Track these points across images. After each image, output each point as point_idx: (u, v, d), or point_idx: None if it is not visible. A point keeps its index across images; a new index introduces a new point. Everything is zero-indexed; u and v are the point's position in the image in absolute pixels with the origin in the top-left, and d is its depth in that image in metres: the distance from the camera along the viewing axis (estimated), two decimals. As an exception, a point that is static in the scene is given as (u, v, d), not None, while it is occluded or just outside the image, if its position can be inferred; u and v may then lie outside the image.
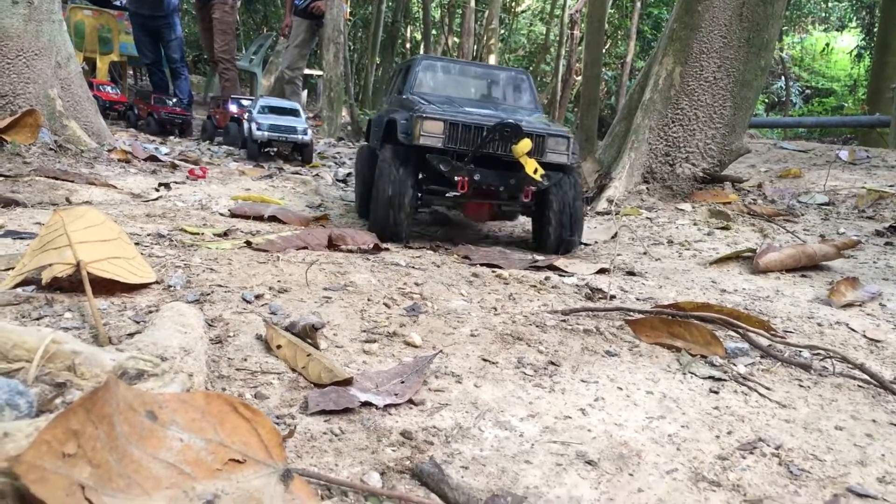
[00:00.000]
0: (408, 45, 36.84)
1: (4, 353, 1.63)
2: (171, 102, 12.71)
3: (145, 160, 7.29)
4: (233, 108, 12.14)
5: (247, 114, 10.51)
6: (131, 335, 2.17)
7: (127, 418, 1.50)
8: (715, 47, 5.74)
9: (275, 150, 9.69)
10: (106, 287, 2.56)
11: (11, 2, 6.51)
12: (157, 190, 5.85)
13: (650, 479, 1.88)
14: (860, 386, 2.47)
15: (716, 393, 2.36)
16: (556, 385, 2.32)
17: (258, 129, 9.32)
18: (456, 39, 29.02)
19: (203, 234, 3.62)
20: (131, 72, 19.04)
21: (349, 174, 8.71)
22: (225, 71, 15.11)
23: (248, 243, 3.40)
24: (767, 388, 2.40)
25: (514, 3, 36.86)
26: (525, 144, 4.06)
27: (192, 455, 1.56)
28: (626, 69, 25.78)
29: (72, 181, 5.50)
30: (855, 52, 26.36)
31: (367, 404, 2.05)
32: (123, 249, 2.73)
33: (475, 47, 28.17)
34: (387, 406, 2.07)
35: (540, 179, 4.15)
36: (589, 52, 20.51)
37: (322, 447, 1.87)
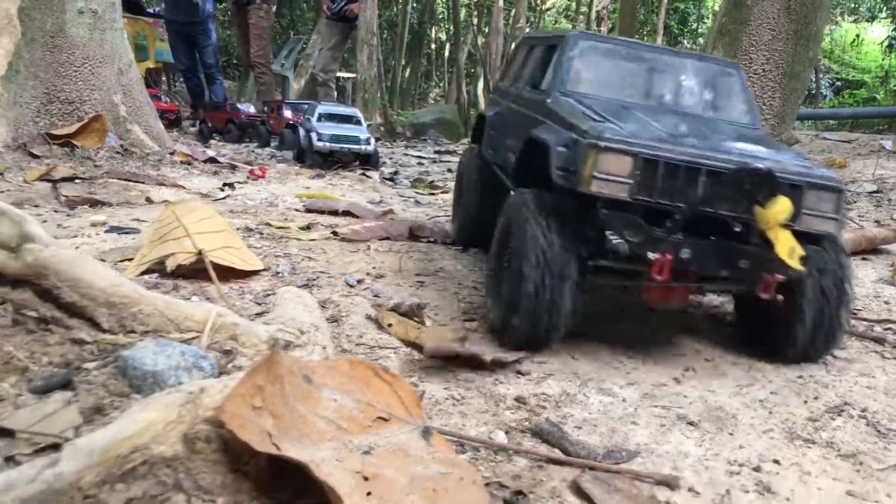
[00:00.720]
0: (433, 46, 36.94)
1: (178, 324, 1.84)
2: (244, 108, 12.90)
3: (204, 162, 7.54)
4: (288, 113, 11.97)
5: (302, 119, 10.27)
6: (259, 314, 2.37)
7: (290, 381, 1.70)
8: (764, 40, 5.86)
9: (337, 161, 9.04)
10: (221, 274, 2.76)
11: (77, 11, 6.79)
12: (223, 189, 6.08)
13: (748, 437, 2.04)
14: (934, 357, 2.61)
15: (797, 364, 2.51)
16: (649, 354, 2.48)
17: (319, 139, 8.89)
18: (482, 39, 29.09)
19: (288, 227, 3.82)
20: (164, 77, 19.36)
21: (395, 172, 8.89)
22: (261, 75, 15.34)
23: (335, 234, 3.59)
24: (847, 360, 2.54)
25: (540, 1, 36.83)
26: (782, 208, 2.41)
27: (346, 413, 1.76)
28: (655, 63, 25.63)
29: (142, 182, 5.75)
30: (886, 43, 26.04)
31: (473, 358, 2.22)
32: (232, 240, 2.93)
33: (503, 47, 28.21)
34: (496, 379, 2.24)
35: (797, 265, 2.42)
36: (622, 48, 20.50)
37: (447, 410, 2.05)
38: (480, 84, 30.61)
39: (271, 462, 1.60)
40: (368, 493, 1.60)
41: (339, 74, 20.93)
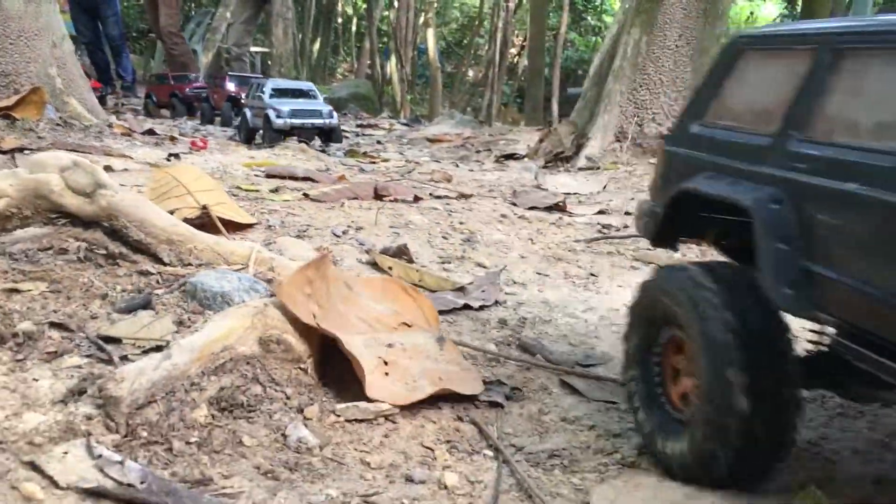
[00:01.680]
0: (340, 20, 36.64)
1: (225, 258, 2.17)
2: (192, 78, 12.64)
3: (143, 133, 7.66)
4: (230, 86, 11.17)
5: (248, 98, 9.53)
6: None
7: (334, 283, 2.09)
8: (676, 18, 6.41)
9: (297, 137, 8.53)
10: (217, 227, 3.07)
11: (12, -17, 6.79)
12: (169, 160, 6.25)
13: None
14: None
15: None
16: (600, 289, 2.93)
17: (278, 116, 8.31)
18: (393, 14, 29.10)
19: (259, 190, 4.12)
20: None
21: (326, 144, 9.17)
22: (174, 46, 14.93)
23: (306, 195, 3.92)
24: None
25: (445, -24, 36.91)
26: None
27: (376, 315, 2.15)
28: (559, 41, 26.33)
29: (89, 153, 5.88)
30: (778, 21, 27.55)
31: (466, 306, 2.63)
32: (225, 197, 3.25)
33: (414, 22, 28.26)
34: (481, 307, 2.65)
35: None
36: (534, 24, 21.09)
37: (446, 330, 2.44)
38: (392, 60, 30.71)
39: (322, 362, 1.98)
40: (386, 373, 1.99)
41: (252, 49, 20.72)
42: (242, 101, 9.77)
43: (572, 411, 2.06)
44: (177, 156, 6.39)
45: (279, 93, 9.03)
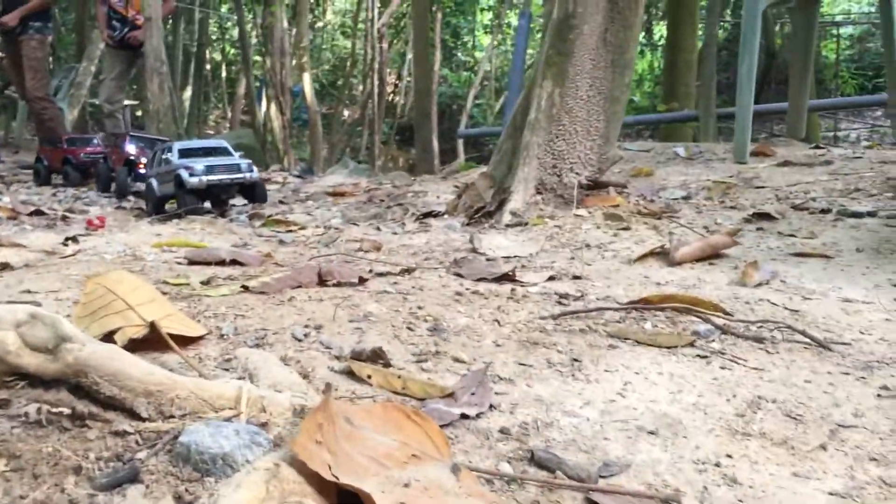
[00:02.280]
0: (208, 67, 36.13)
1: (211, 404, 1.89)
2: (90, 140, 11.88)
3: (29, 215, 7.09)
4: (130, 148, 10.32)
5: (150, 166, 8.95)
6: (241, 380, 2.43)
7: (337, 423, 1.85)
8: (586, 69, 6.47)
9: (216, 198, 8.07)
10: (166, 343, 2.77)
11: None
12: (66, 245, 5.79)
13: (699, 438, 2.39)
14: (805, 347, 3.13)
15: (708, 366, 2.93)
16: (589, 377, 2.79)
17: (191, 174, 7.72)
18: (268, 60, 28.84)
19: (189, 283, 3.80)
20: None
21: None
22: (43, 111, 14.39)
23: (246, 287, 3.63)
24: (743, 359, 3.00)
25: (315, 20, 37.04)
26: None
27: (385, 451, 1.93)
28: (433, 77, 26.70)
29: (-22, 244, 5.37)
30: (637, 50, 28.91)
31: (463, 416, 2.43)
32: (168, 307, 2.94)
33: (290, 67, 28.06)
34: (477, 415, 2.46)
35: None
36: (418, 67, 21.27)
37: (451, 451, 2.24)
38: (273, 107, 30.40)
39: (345, 520, 1.74)
40: (413, 522, 1.77)
41: (125, 103, 20.13)
42: (143, 170, 9.11)
43: (613, 539, 1.89)
44: (74, 239, 5.92)
45: (189, 153, 8.40)
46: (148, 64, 15.10)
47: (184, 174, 7.79)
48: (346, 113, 34.05)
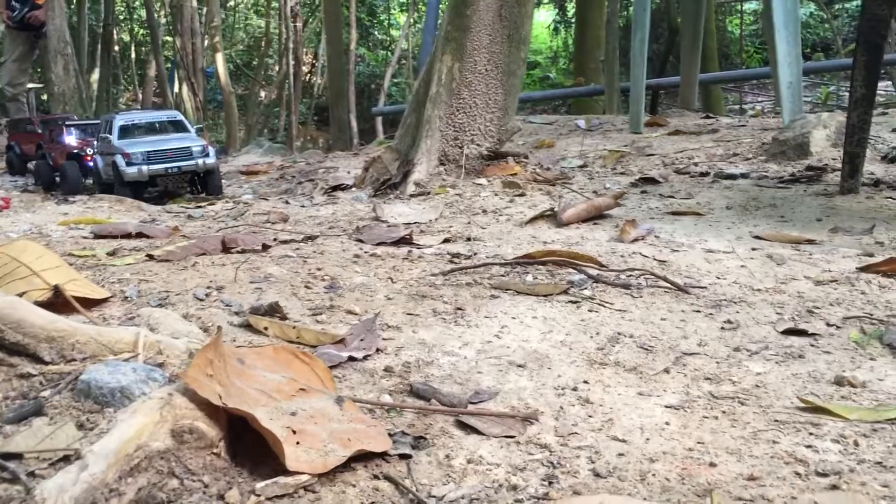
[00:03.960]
0: (117, 48, 35.07)
1: (111, 348, 2.08)
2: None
3: (-73, 197, 6.99)
4: (69, 139, 8.56)
5: (97, 144, 7.71)
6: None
7: (229, 362, 2.08)
8: (484, 44, 6.74)
9: (165, 190, 6.96)
10: (72, 306, 2.93)
11: None
12: (-31, 225, 5.78)
13: (562, 368, 2.70)
14: (665, 291, 3.48)
15: (578, 310, 3.25)
16: (470, 322, 3.07)
17: (129, 163, 6.52)
18: (178, 40, 28.20)
19: (95, 254, 3.92)
20: None
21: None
22: None
23: (151, 256, 3.78)
24: (609, 303, 3.33)
25: (228, -2, 36.27)
26: None
27: (274, 385, 2.17)
28: (350, 57, 26.58)
29: None
30: (552, 27, 29.35)
31: (350, 359, 2.68)
32: (73, 273, 3.09)
33: (201, 47, 27.47)
34: (364, 357, 2.71)
35: None
36: (331, 46, 21.20)
37: (338, 387, 2.48)
38: (185, 88, 29.78)
39: (234, 443, 1.96)
40: (298, 443, 2.01)
41: (29, 86, 19.51)
42: (88, 155, 7.88)
43: (477, 451, 2.16)
44: (-22, 220, 5.91)
45: (130, 130, 7.08)
46: (51, 45, 14.71)
47: (120, 163, 6.64)
48: (262, 94, 33.60)
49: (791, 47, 7.80)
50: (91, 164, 8.11)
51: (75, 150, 8.33)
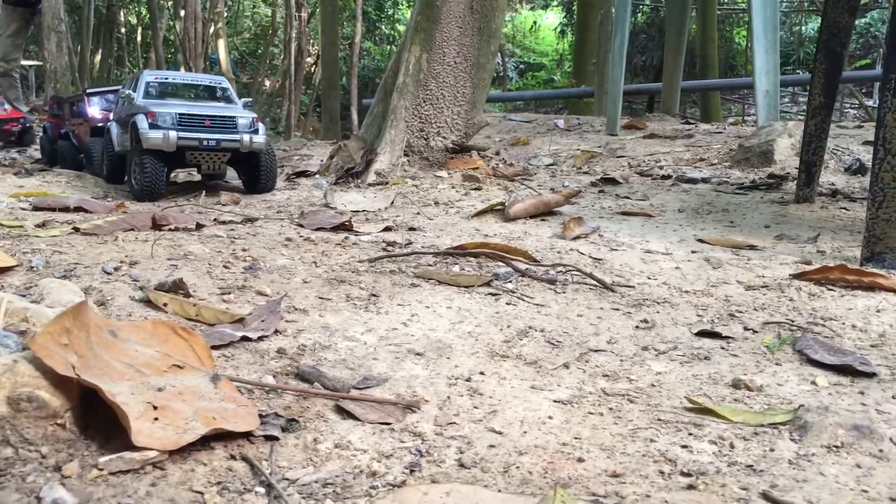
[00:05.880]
0: (123, 30, 34.97)
1: (-30, 313, 2.03)
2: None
3: None
4: (94, 111, 7.18)
5: (116, 109, 6.28)
6: (33, 303, 2.56)
7: (96, 332, 2.02)
8: (453, 36, 6.69)
9: (198, 168, 5.64)
10: (-28, 273, 2.87)
11: None
12: (-80, 194, 5.72)
13: (462, 359, 2.65)
14: (591, 288, 3.43)
15: (496, 302, 3.19)
16: (381, 309, 3.02)
17: (152, 125, 5.06)
18: (179, 23, 28.08)
19: (23, 225, 3.86)
20: None
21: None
22: None
23: (77, 229, 3.73)
24: (530, 297, 3.28)
25: (239, -17, 36.21)
26: None
27: (145, 360, 2.11)
28: (355, 50, 26.57)
29: None
30: (559, 29, 29.35)
31: (244, 338, 2.62)
32: (-22, 239, 3.03)
33: (203, 32, 27.40)
34: (260, 337, 2.65)
35: None
36: (326, 36, 21.15)
37: (222, 365, 2.43)
38: (182, 71, 29.63)
39: (85, 415, 1.90)
40: (156, 419, 1.95)
41: (22, 63, 19.44)
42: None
43: (347, 436, 2.11)
44: (-70, 189, 5.84)
45: (159, 91, 5.75)
46: (45, 21, 14.60)
47: (141, 124, 5.10)
48: (266, 83, 33.50)
49: (769, 55, 7.77)
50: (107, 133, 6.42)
51: (100, 125, 7.03)
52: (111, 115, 6.59)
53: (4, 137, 10.75)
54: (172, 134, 5.06)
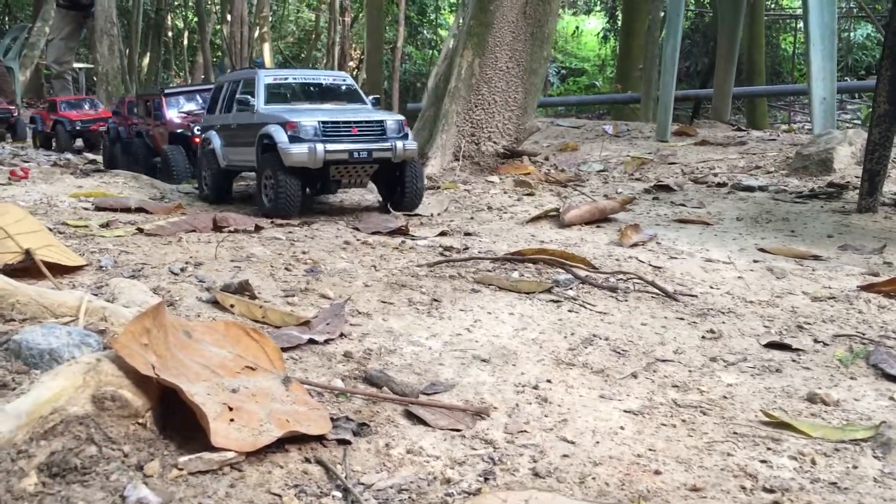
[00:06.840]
0: (170, 34, 35.52)
1: (52, 311, 2.06)
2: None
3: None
4: (172, 114, 6.80)
5: (204, 119, 5.75)
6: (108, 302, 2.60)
7: (173, 333, 2.04)
8: (506, 41, 6.67)
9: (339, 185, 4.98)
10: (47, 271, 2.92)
11: None
12: (-16, 192, 5.85)
13: (527, 366, 2.63)
14: (653, 297, 3.38)
15: (558, 309, 3.16)
16: (443, 314, 3.01)
17: (293, 138, 4.40)
18: (226, 28, 28.46)
19: (88, 225, 3.93)
20: None
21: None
22: None
23: (140, 230, 3.78)
24: (592, 304, 3.24)
25: (281, -11, 36.57)
26: None
27: (219, 361, 2.12)
28: (397, 54, 26.63)
29: None
30: (601, 35, 29.13)
31: (311, 341, 2.63)
32: (51, 239, 3.08)
33: (248, 36, 27.73)
34: (326, 340, 2.66)
35: None
36: (371, 40, 21.26)
37: (291, 368, 2.44)
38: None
39: (164, 414, 1.92)
40: (232, 420, 1.96)
41: (74, 65, 19.83)
42: (196, 135, 5.90)
43: (419, 442, 2.10)
44: (-7, 187, 5.98)
45: (281, 93, 4.96)
46: (98, 25, 14.90)
47: (280, 137, 4.42)
48: (308, 87, 33.80)
49: (826, 62, 7.62)
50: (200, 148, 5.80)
51: (178, 131, 6.69)
52: (191, 120, 6.17)
53: (95, 136, 11.09)
54: (320, 147, 4.35)
